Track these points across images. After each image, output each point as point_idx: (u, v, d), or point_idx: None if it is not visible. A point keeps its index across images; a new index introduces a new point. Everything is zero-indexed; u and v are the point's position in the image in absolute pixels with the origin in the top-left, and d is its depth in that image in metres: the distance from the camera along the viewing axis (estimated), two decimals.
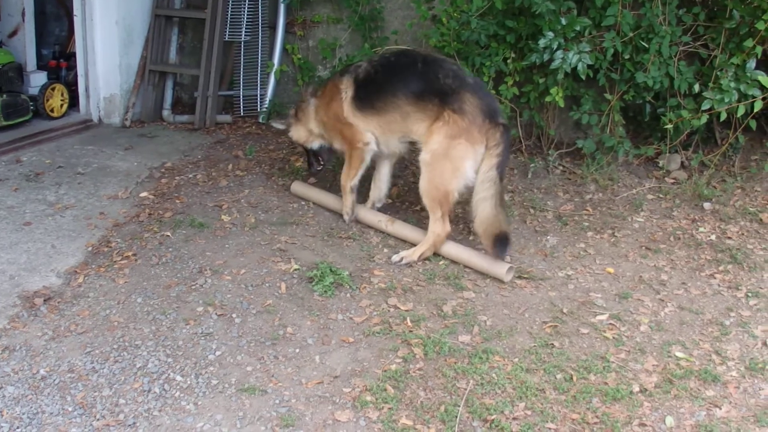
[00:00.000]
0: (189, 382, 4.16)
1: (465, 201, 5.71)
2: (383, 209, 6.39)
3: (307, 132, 6.37)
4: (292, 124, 6.48)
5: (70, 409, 3.92)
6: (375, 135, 5.92)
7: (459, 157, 5.43)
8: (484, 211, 5.41)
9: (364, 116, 5.87)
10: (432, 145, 5.49)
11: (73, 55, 8.72)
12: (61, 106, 8.54)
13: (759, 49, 6.35)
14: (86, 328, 4.61)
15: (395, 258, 5.57)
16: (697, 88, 6.61)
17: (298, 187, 6.73)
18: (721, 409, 4.07)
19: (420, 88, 5.61)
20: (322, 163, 6.57)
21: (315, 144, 6.40)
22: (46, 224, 5.90)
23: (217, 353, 4.43)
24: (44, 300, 4.86)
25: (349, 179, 6.09)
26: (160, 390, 4.09)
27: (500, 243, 5.38)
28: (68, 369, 4.23)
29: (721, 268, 5.61)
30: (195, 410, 3.95)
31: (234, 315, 4.81)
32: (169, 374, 4.22)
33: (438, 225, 5.53)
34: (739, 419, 4.01)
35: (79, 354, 4.36)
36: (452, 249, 5.66)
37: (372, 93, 5.82)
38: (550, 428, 3.89)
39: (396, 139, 5.87)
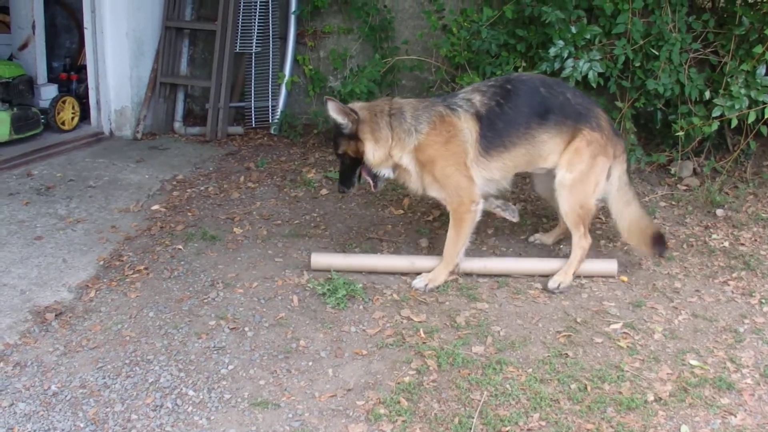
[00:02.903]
0: (201, 397, 4.15)
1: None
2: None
3: (386, 156, 5.30)
4: (366, 137, 5.23)
5: (82, 425, 3.91)
6: (490, 180, 5.41)
7: (599, 173, 5.42)
8: (632, 214, 5.60)
9: (488, 159, 5.31)
10: (575, 166, 5.35)
11: (84, 67, 8.76)
12: (72, 118, 8.58)
13: None
14: (98, 343, 4.61)
15: (552, 286, 5.37)
16: (707, 94, 6.62)
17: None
18: (736, 417, 4.04)
19: (557, 113, 5.35)
20: (359, 184, 5.54)
21: (383, 170, 5.40)
22: (57, 238, 5.91)
23: (230, 367, 4.42)
24: (56, 315, 4.86)
25: (458, 251, 5.40)
26: (172, 405, 4.08)
27: (659, 241, 5.67)
28: (80, 384, 4.22)
29: (734, 274, 5.58)
30: (208, 425, 3.94)
31: (246, 328, 4.80)
32: (181, 389, 4.21)
33: (583, 240, 5.45)
34: (754, 427, 3.98)
35: (91, 369, 4.35)
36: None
37: (501, 129, 5.28)
38: None
39: (513, 174, 5.54)
